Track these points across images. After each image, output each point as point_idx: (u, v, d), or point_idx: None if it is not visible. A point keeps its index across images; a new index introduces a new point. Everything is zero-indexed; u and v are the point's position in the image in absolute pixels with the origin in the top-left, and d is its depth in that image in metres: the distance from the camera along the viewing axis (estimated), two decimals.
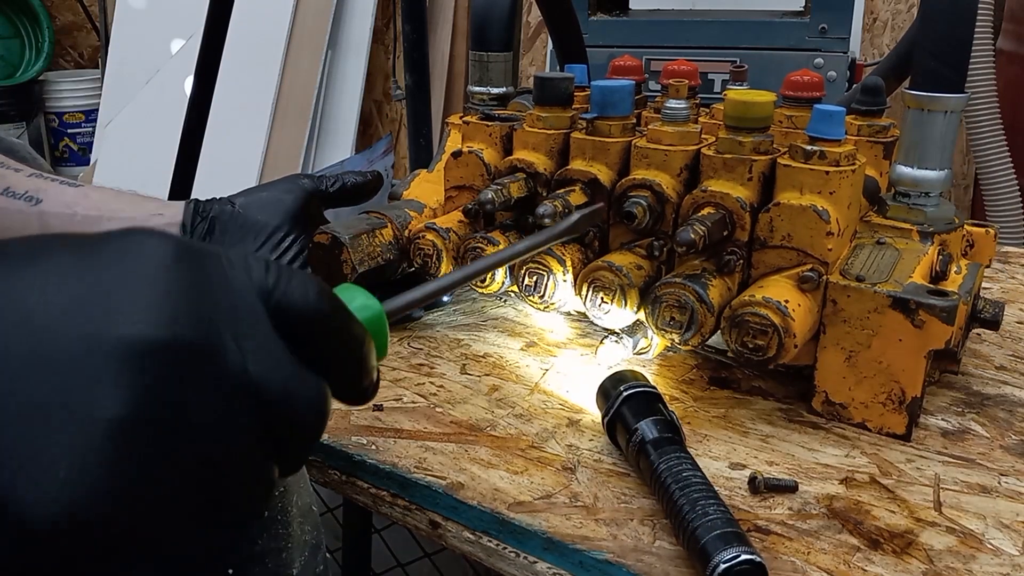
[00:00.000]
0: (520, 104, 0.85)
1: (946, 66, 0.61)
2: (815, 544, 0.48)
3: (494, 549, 0.50)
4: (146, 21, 2.87)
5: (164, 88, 2.78)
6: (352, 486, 0.56)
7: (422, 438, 0.58)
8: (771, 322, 0.55)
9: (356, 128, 2.73)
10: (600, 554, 0.47)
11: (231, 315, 0.27)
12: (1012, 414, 0.62)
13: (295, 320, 0.29)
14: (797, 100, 0.73)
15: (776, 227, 0.60)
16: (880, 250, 0.62)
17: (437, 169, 0.85)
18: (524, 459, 0.55)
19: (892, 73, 1.00)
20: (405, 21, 1.40)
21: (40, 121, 3.34)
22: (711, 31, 1.94)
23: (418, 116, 1.43)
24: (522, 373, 0.67)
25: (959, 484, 0.54)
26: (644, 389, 0.56)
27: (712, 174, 0.63)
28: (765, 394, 0.65)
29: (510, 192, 0.69)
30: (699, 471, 0.48)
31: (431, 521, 0.53)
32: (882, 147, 0.71)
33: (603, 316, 0.63)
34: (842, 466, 0.55)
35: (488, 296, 0.81)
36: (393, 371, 0.67)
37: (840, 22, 1.84)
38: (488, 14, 0.86)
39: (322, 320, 0.30)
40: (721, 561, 0.42)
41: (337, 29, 2.68)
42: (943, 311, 0.55)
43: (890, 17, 2.30)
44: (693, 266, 0.61)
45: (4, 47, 3.22)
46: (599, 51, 1.86)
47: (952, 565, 0.46)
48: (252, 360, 0.27)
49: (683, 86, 0.67)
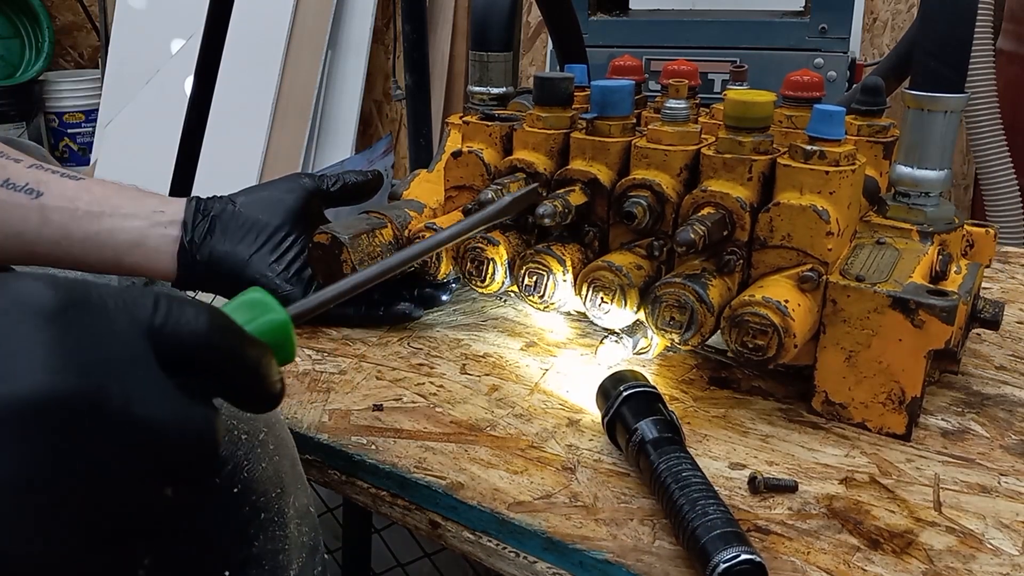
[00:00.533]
0: (520, 104, 0.85)
1: (946, 66, 0.61)
2: (815, 544, 0.48)
3: (494, 549, 0.50)
4: (146, 21, 2.87)
5: (164, 88, 2.78)
6: (352, 486, 0.56)
7: (422, 438, 0.58)
8: (771, 322, 0.55)
9: (356, 128, 2.73)
10: (600, 554, 0.47)
11: (114, 360, 0.28)
12: (1012, 414, 0.62)
13: (185, 351, 0.30)
14: (797, 100, 0.73)
15: (776, 227, 0.60)
16: (880, 250, 0.62)
17: (437, 169, 0.85)
18: (524, 459, 0.55)
19: (892, 73, 1.00)
20: (405, 21, 1.40)
21: (40, 121, 3.34)
22: (711, 31, 1.94)
23: (418, 116, 1.43)
24: (522, 373, 0.67)
25: (959, 484, 0.54)
26: (644, 389, 0.56)
27: (712, 174, 0.63)
28: (765, 394, 0.65)
29: (510, 192, 0.69)
30: (699, 471, 0.48)
31: (431, 521, 0.53)
32: (882, 147, 0.71)
33: (603, 316, 0.63)
34: (842, 466, 0.55)
35: (488, 296, 0.81)
36: (393, 371, 0.67)
37: (840, 22, 1.84)
38: (488, 14, 0.86)
39: (212, 348, 0.31)
40: (721, 561, 0.42)
41: (337, 29, 2.68)
42: (943, 311, 0.55)
43: (890, 17, 2.30)
44: (693, 266, 0.61)
45: (4, 47, 3.22)
46: (599, 51, 1.86)
47: (952, 565, 0.46)
48: (136, 402, 0.28)
49: (683, 86, 0.67)
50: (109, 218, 0.65)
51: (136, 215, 0.67)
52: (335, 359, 0.69)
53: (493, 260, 0.69)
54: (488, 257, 0.69)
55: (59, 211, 0.64)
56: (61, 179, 0.65)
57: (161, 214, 0.68)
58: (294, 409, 0.61)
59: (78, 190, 0.65)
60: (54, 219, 0.63)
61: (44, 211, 0.63)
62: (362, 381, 0.65)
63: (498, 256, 0.69)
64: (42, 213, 0.63)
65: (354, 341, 0.72)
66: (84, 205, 0.65)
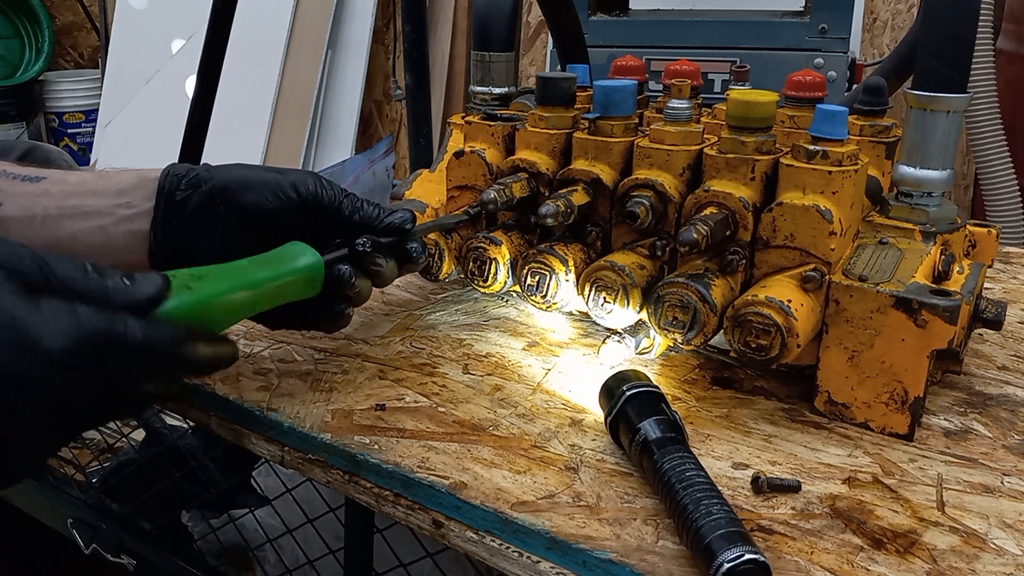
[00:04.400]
0: (522, 104, 0.85)
1: (948, 66, 0.61)
2: (818, 544, 0.48)
3: (497, 549, 0.50)
4: (146, 21, 2.87)
5: (164, 88, 2.78)
6: (355, 486, 0.56)
7: (425, 438, 0.58)
8: (774, 322, 0.55)
9: (356, 128, 2.73)
10: (603, 554, 0.47)
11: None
12: (1014, 414, 0.62)
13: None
14: (799, 100, 0.73)
15: (779, 227, 0.60)
16: (883, 250, 0.62)
17: (439, 169, 0.85)
18: (527, 459, 0.55)
19: (894, 73, 1.01)
20: (405, 21, 1.41)
21: (40, 121, 3.34)
22: (711, 31, 1.94)
23: (418, 116, 1.43)
24: (524, 373, 0.67)
25: (962, 484, 0.54)
26: (647, 389, 0.56)
27: (715, 174, 0.63)
28: (768, 394, 0.65)
29: (512, 192, 0.69)
30: (702, 471, 0.49)
31: (434, 521, 0.53)
32: (884, 147, 0.71)
33: (605, 316, 0.63)
34: (845, 466, 0.55)
35: (490, 296, 0.81)
36: (396, 371, 0.67)
37: (840, 22, 1.84)
38: (490, 14, 0.86)
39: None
40: (725, 561, 0.42)
41: (337, 29, 2.68)
42: (946, 311, 0.55)
43: (890, 17, 2.30)
44: (696, 266, 0.61)
45: (4, 47, 3.22)
46: (599, 51, 1.86)
47: (955, 565, 0.46)
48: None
49: (685, 86, 0.67)
50: (69, 220, 0.59)
51: (98, 212, 0.60)
52: (337, 359, 0.69)
53: (495, 260, 0.69)
54: (490, 257, 0.69)
55: (17, 222, 0.58)
56: (21, 184, 0.59)
57: (127, 207, 0.60)
58: (296, 409, 0.61)
59: (36, 196, 0.59)
60: (15, 232, 0.58)
61: (4, 225, 0.58)
62: (364, 381, 0.65)
63: (500, 256, 0.69)
64: (3, 227, 0.58)
65: (356, 341, 0.72)
66: (41, 211, 0.59)
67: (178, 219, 0.60)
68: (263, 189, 0.60)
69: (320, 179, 0.63)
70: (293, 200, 0.61)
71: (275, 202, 0.60)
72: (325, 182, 0.63)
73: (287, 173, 0.62)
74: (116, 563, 0.99)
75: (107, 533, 1.01)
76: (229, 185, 0.60)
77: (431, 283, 0.82)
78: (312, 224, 0.61)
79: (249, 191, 0.60)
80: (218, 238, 0.60)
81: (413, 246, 0.63)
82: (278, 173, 0.62)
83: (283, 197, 0.60)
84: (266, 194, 0.60)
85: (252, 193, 0.60)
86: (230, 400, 0.62)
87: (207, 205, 0.60)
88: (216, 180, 0.60)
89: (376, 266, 0.61)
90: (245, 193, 0.60)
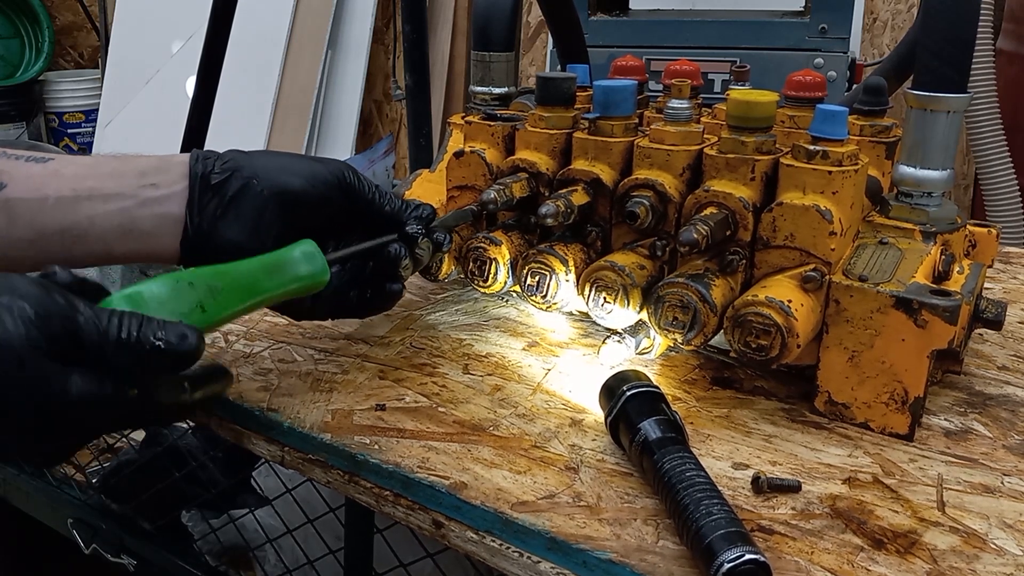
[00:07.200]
0: (522, 104, 0.85)
1: (948, 66, 0.61)
2: (819, 544, 0.48)
3: (497, 549, 0.50)
4: (146, 21, 2.87)
5: (164, 88, 2.78)
6: (355, 486, 0.56)
7: (425, 438, 0.58)
8: (774, 322, 0.55)
9: (356, 128, 2.73)
10: (604, 554, 0.47)
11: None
12: (1015, 414, 0.62)
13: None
14: (799, 100, 0.73)
15: (779, 227, 0.60)
16: (883, 250, 0.62)
17: (439, 169, 0.85)
18: (527, 459, 0.55)
19: (894, 73, 1.00)
20: (405, 21, 1.41)
21: (40, 121, 3.34)
22: (711, 31, 1.94)
23: (418, 116, 1.43)
24: (524, 373, 0.67)
25: (962, 484, 0.54)
26: (647, 389, 0.56)
27: (715, 174, 0.63)
28: (768, 394, 0.65)
29: (512, 192, 0.69)
30: (702, 471, 0.48)
31: (434, 521, 0.53)
32: (884, 147, 0.71)
33: (605, 316, 0.63)
34: (845, 466, 0.55)
35: (490, 296, 0.81)
36: (396, 371, 0.67)
37: (840, 22, 1.84)
38: (490, 14, 0.86)
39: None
40: (725, 561, 0.42)
41: (337, 29, 2.68)
42: (946, 311, 0.55)
43: (890, 17, 2.30)
44: (696, 266, 0.61)
45: (4, 47, 3.22)
46: (599, 51, 1.86)
47: (956, 565, 0.46)
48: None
49: (686, 86, 0.67)
50: (87, 203, 0.56)
51: (120, 194, 0.57)
52: (337, 359, 0.69)
53: (495, 260, 0.69)
54: (490, 257, 0.69)
55: (26, 204, 0.55)
56: (26, 165, 0.56)
57: (152, 188, 0.58)
58: (296, 409, 0.61)
59: (46, 176, 0.56)
60: (22, 215, 0.55)
61: (9, 205, 0.55)
62: (364, 381, 0.65)
63: (500, 256, 0.69)
64: (7, 208, 0.55)
65: (356, 341, 0.72)
66: (54, 193, 0.56)
67: (216, 201, 0.59)
68: (307, 176, 0.61)
69: (355, 170, 0.64)
70: (334, 188, 0.62)
71: (318, 189, 0.61)
72: (360, 174, 0.64)
73: (326, 163, 0.63)
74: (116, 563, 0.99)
75: (107, 533, 1.01)
76: (272, 170, 0.60)
77: (431, 283, 0.82)
78: (344, 213, 0.63)
79: (295, 177, 0.60)
80: (252, 222, 0.59)
81: (441, 235, 0.67)
82: (317, 162, 0.63)
83: (325, 185, 0.61)
84: (312, 181, 0.61)
85: (297, 179, 0.60)
86: (230, 400, 0.62)
87: (248, 188, 0.59)
88: (257, 164, 0.60)
89: (420, 249, 0.65)
90: (290, 179, 0.60)
